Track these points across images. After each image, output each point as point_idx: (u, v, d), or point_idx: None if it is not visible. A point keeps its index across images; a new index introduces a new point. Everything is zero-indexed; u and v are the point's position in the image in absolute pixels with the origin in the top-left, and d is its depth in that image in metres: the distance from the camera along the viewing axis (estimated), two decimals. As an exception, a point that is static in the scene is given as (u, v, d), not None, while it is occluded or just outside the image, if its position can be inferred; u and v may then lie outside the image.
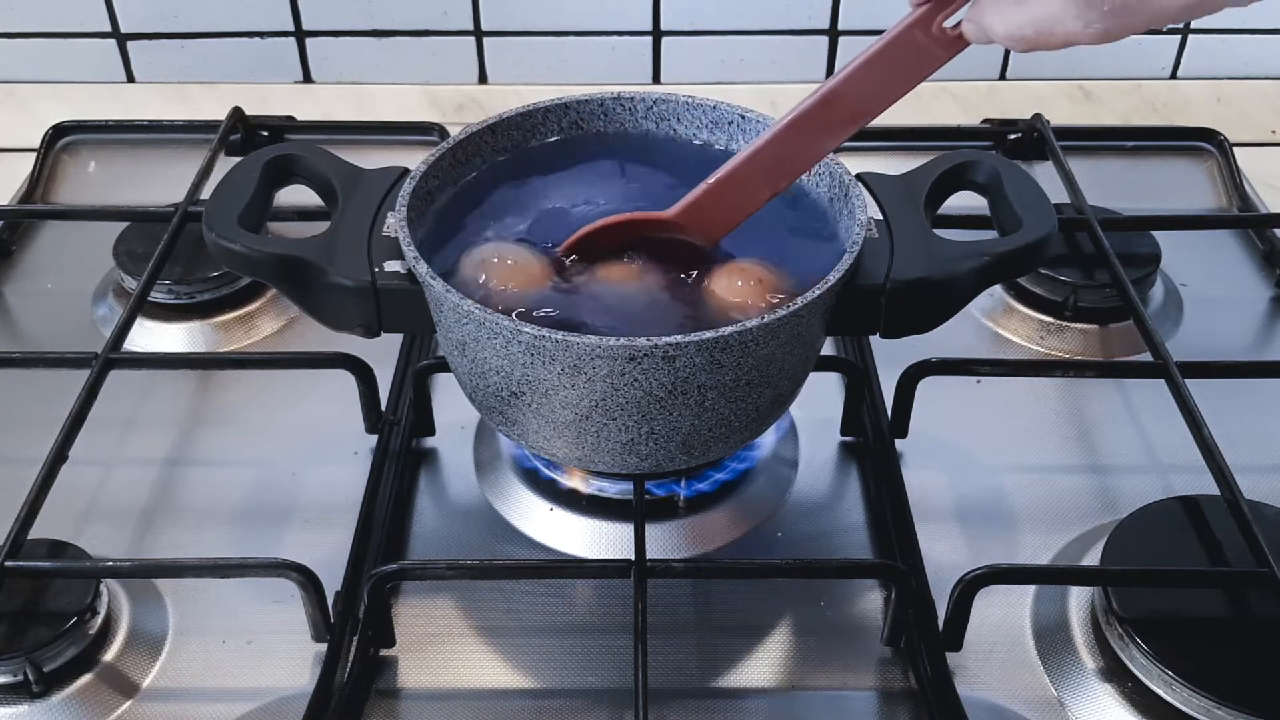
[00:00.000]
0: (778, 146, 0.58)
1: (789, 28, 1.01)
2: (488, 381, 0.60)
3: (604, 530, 0.68)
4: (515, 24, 1.01)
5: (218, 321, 0.82)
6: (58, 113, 0.99)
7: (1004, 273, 0.64)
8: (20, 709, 0.59)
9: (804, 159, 0.59)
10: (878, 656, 0.62)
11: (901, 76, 0.55)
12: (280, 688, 0.61)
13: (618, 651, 0.62)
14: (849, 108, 0.56)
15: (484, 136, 0.68)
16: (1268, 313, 0.86)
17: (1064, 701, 0.60)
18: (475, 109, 1.03)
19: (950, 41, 0.54)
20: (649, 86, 1.04)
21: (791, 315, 0.56)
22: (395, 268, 0.61)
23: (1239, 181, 0.95)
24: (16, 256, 0.90)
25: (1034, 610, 0.64)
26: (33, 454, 0.64)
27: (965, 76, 1.02)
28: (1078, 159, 0.92)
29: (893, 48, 0.54)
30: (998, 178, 0.66)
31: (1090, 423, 0.76)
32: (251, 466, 0.73)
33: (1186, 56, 1.03)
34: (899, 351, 0.70)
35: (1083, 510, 0.70)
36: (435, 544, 0.68)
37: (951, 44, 0.54)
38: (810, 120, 0.57)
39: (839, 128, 0.57)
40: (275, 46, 1.02)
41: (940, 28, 0.53)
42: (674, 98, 0.70)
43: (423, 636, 0.63)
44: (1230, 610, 0.61)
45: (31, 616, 0.60)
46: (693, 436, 0.60)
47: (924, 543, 0.66)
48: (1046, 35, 0.49)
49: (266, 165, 0.66)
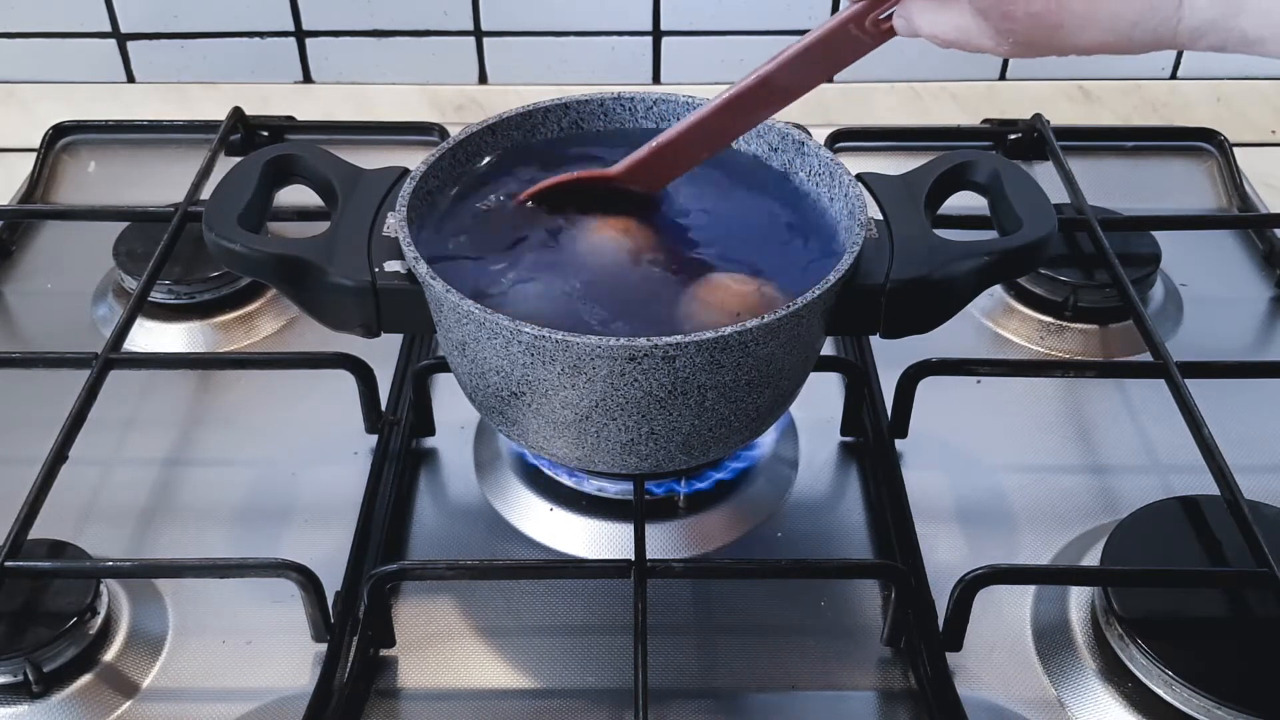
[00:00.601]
0: (715, 119, 0.63)
1: (789, 28, 1.01)
2: (488, 381, 0.60)
3: (604, 530, 0.68)
4: (515, 24, 1.01)
5: (218, 321, 0.82)
6: (58, 113, 0.99)
7: (1004, 273, 0.64)
8: (20, 709, 0.59)
9: (737, 129, 0.65)
10: (878, 656, 0.62)
11: (831, 63, 0.59)
12: (280, 688, 0.61)
13: (618, 651, 0.62)
14: (781, 88, 0.61)
15: (484, 136, 0.68)
16: (1268, 313, 0.86)
17: (1064, 701, 0.60)
18: (475, 109, 1.03)
19: (880, 34, 0.57)
20: (649, 86, 1.04)
21: (791, 315, 0.56)
22: (395, 268, 0.61)
23: (1239, 181, 0.95)
24: (16, 256, 0.90)
25: (1034, 610, 0.64)
26: (33, 454, 0.64)
27: (965, 76, 1.02)
28: (1078, 159, 0.92)
29: (829, 38, 0.58)
30: (998, 178, 0.66)
31: (1090, 423, 0.76)
32: (251, 466, 0.73)
33: (1186, 56, 1.03)
34: (899, 351, 0.70)
35: (1083, 510, 0.70)
36: (435, 544, 0.68)
37: (881, 36, 0.57)
38: (746, 98, 0.62)
39: (770, 104, 0.62)
40: (275, 46, 1.02)
41: (874, 20, 0.56)
42: (674, 98, 0.70)
43: (423, 636, 0.63)
44: (1230, 610, 0.61)
45: (31, 616, 0.60)
46: (693, 436, 0.60)
47: (924, 543, 0.66)
48: (963, 42, 0.53)
49: (266, 165, 0.66)
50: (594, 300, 0.60)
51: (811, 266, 0.62)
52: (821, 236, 0.64)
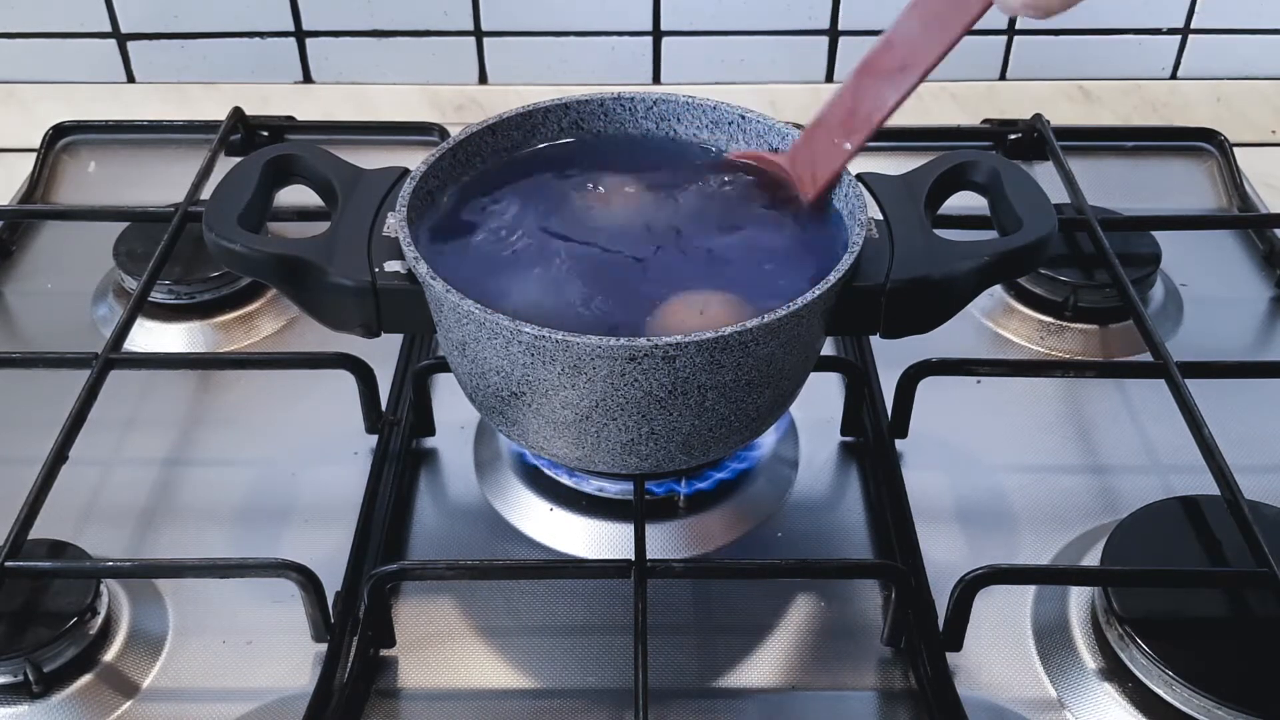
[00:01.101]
0: (852, 93, 0.62)
1: (789, 28, 1.01)
2: (488, 381, 0.60)
3: (604, 530, 0.68)
4: (515, 24, 1.01)
5: (218, 321, 0.82)
6: (58, 113, 0.99)
7: (1004, 273, 0.64)
8: (20, 709, 0.59)
9: (871, 110, 0.62)
10: (878, 656, 0.62)
11: (944, 24, 0.58)
12: (280, 688, 0.61)
13: (618, 651, 0.62)
14: (902, 54, 0.60)
15: (484, 136, 0.68)
16: (1268, 313, 0.86)
17: (1064, 701, 0.60)
18: (475, 109, 1.03)
19: None
20: (649, 86, 1.04)
21: (791, 315, 0.56)
22: (395, 268, 0.61)
23: (1239, 181, 0.95)
24: (16, 256, 0.90)
25: (1034, 610, 0.64)
26: (33, 454, 0.64)
27: (965, 76, 1.03)
28: (1078, 159, 0.92)
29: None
30: (998, 178, 0.66)
31: (1090, 423, 0.76)
32: (251, 466, 0.73)
33: (1186, 56, 1.03)
34: (899, 351, 0.70)
35: (1083, 510, 0.70)
36: (435, 544, 0.68)
37: None
38: (876, 65, 0.61)
39: (897, 76, 0.60)
40: (275, 46, 1.02)
41: None
42: (674, 98, 0.70)
43: (423, 636, 0.63)
44: (1230, 610, 0.61)
45: (31, 616, 0.60)
46: (693, 436, 0.60)
47: (924, 543, 0.66)
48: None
49: (266, 165, 0.66)
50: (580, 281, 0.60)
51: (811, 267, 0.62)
52: (821, 237, 0.64)
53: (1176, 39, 1.02)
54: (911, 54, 0.60)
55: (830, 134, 0.64)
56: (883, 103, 0.62)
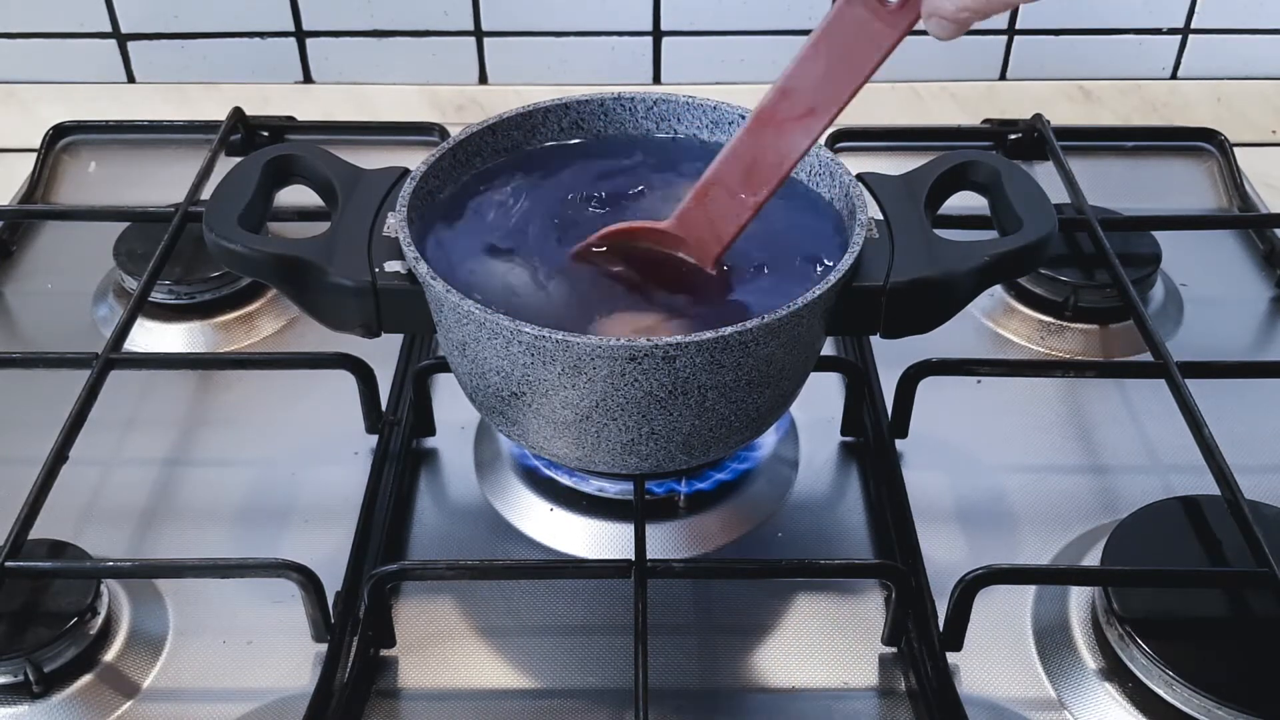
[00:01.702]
0: (749, 147, 0.58)
1: (789, 28, 1.01)
2: (488, 381, 0.60)
3: (604, 530, 0.68)
4: (515, 24, 1.01)
5: (218, 322, 0.82)
6: (58, 113, 0.99)
7: (1004, 273, 0.64)
8: (20, 709, 0.59)
9: (779, 159, 0.59)
10: (878, 656, 0.62)
11: (852, 61, 0.55)
12: (280, 688, 0.61)
13: (618, 651, 0.62)
14: (806, 100, 0.56)
15: (484, 137, 0.68)
16: (1268, 313, 0.86)
17: (1064, 701, 0.60)
18: (475, 109, 1.03)
19: (893, 15, 0.53)
20: (649, 87, 1.04)
21: (791, 315, 0.56)
22: (395, 268, 0.61)
23: (1239, 181, 0.95)
24: (16, 256, 0.90)
25: (1034, 610, 0.64)
26: (33, 454, 0.64)
27: (965, 76, 1.02)
28: (1078, 159, 0.92)
29: (836, 27, 0.54)
30: (998, 178, 0.66)
31: (1090, 423, 0.76)
32: (251, 466, 0.73)
33: (1186, 56, 1.03)
34: (899, 351, 0.70)
35: (1083, 510, 0.70)
36: (435, 544, 0.68)
37: (895, 17, 0.53)
38: (773, 115, 0.57)
39: (803, 122, 0.57)
40: (275, 46, 1.02)
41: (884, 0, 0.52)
42: (674, 98, 0.70)
43: (423, 636, 0.63)
44: (1230, 610, 0.61)
45: (31, 616, 0.60)
46: (693, 437, 0.60)
47: (924, 543, 0.66)
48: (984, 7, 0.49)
49: (266, 165, 0.66)
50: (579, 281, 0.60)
51: (810, 266, 0.62)
52: (820, 237, 0.64)
53: (1176, 39, 1.02)
54: (818, 98, 0.56)
55: (729, 191, 0.60)
56: (792, 150, 0.58)
